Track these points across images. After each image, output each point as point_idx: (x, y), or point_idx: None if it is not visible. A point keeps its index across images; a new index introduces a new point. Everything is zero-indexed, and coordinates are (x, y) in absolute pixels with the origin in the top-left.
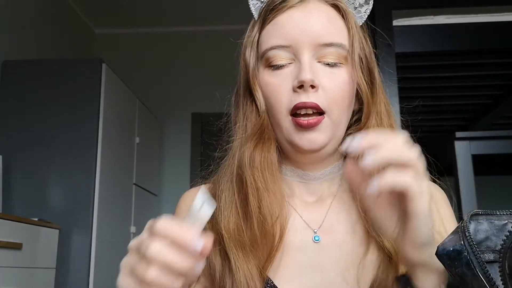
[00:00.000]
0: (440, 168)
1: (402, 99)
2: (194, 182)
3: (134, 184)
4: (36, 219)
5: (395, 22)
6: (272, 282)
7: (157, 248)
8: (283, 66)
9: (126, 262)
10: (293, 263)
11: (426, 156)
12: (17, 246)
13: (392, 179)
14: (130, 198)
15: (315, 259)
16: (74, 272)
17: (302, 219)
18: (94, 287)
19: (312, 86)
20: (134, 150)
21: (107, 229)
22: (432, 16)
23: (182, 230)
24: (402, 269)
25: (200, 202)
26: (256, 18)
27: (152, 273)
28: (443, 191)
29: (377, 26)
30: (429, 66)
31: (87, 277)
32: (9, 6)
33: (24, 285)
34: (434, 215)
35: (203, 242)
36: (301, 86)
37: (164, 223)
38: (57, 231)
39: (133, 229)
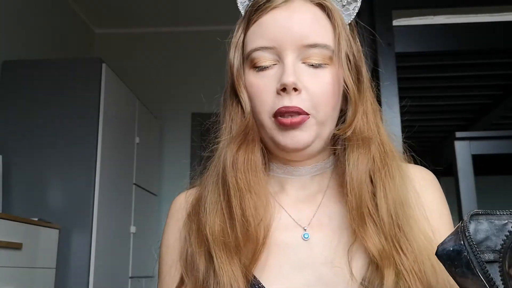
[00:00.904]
0: (439, 169)
1: (402, 99)
2: (191, 181)
3: (134, 184)
4: (36, 219)
5: (395, 22)
6: (260, 283)
7: None
8: (267, 67)
9: None
10: (282, 262)
11: (418, 159)
12: (17, 246)
13: None
14: (130, 198)
15: (305, 257)
16: (74, 272)
17: (291, 217)
18: (94, 287)
19: (295, 89)
20: (134, 150)
21: (107, 229)
22: (432, 16)
23: None
24: (387, 273)
25: None
26: (243, 16)
27: None
28: (433, 175)
29: (377, 26)
30: (429, 66)
31: (87, 277)
32: (9, 6)
33: (24, 285)
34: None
35: None
36: (284, 89)
37: None
38: (57, 231)
39: (133, 229)
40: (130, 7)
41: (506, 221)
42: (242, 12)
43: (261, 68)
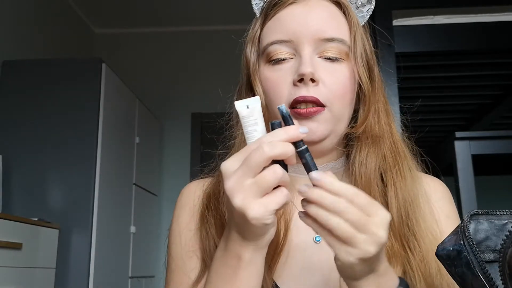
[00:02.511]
0: (438, 169)
1: (402, 99)
2: (196, 178)
3: (134, 184)
4: (35, 219)
5: (395, 22)
6: (274, 281)
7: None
8: (283, 60)
9: (238, 185)
10: (296, 264)
11: (425, 157)
12: (17, 246)
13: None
14: (130, 198)
15: (316, 259)
16: (74, 272)
17: None
18: (94, 287)
19: (313, 80)
20: (134, 150)
21: (107, 229)
22: (431, 16)
23: (282, 130)
24: (397, 273)
25: (243, 106)
26: (258, 17)
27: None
28: (445, 187)
29: (377, 25)
30: (429, 66)
31: (87, 277)
32: (9, 6)
33: (24, 285)
34: (423, 205)
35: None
36: (301, 80)
37: (270, 137)
38: (57, 231)
39: (133, 229)
40: (130, 7)
41: (506, 221)
42: (257, 12)
43: (277, 61)
